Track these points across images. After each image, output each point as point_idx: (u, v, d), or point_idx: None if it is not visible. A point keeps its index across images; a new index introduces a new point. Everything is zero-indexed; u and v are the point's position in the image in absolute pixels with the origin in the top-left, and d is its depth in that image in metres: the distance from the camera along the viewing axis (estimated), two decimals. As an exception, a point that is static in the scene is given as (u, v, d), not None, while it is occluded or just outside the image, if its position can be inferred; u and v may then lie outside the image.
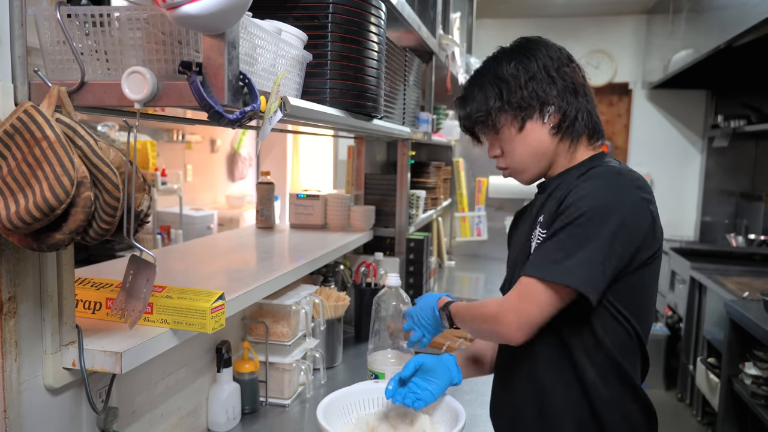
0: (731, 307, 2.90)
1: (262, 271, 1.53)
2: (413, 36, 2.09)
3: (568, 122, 1.13)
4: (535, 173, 1.19)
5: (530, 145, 1.15)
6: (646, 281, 1.09)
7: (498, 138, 1.18)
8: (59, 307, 0.93)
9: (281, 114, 0.87)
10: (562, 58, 1.16)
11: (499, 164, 1.22)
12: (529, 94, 1.12)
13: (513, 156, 1.18)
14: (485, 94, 1.15)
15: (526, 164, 1.18)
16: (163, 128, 4.61)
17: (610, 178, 1.06)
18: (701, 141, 4.95)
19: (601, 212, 1.01)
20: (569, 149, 1.17)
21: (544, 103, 1.12)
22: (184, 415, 1.36)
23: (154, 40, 0.77)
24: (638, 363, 1.14)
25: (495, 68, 1.15)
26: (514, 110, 1.13)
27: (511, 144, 1.16)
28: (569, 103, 1.13)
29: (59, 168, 0.74)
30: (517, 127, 1.14)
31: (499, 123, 1.15)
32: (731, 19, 3.07)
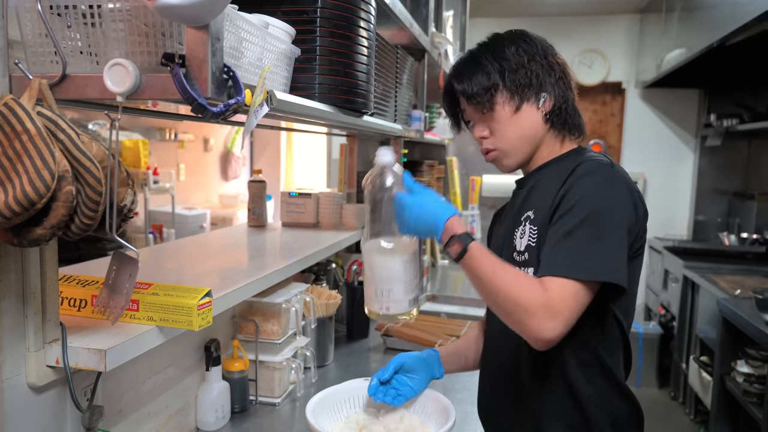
0: (724, 306, 2.91)
1: (252, 269, 1.52)
2: (405, 34, 2.08)
3: (560, 110, 1.13)
4: (521, 159, 1.17)
5: (523, 128, 1.13)
6: (634, 272, 1.09)
7: (489, 118, 1.14)
8: (42, 304, 0.91)
9: (267, 108, 0.86)
10: (553, 50, 1.16)
11: (486, 145, 1.18)
12: (530, 75, 1.11)
13: (503, 137, 1.15)
14: (485, 71, 1.12)
15: (516, 147, 1.15)
16: (156, 127, 4.58)
17: (608, 173, 1.05)
18: (694, 140, 4.97)
19: (610, 207, 1.01)
20: (555, 140, 1.17)
21: (541, 87, 1.12)
22: (172, 414, 1.35)
23: (137, 32, 0.76)
24: (621, 358, 1.13)
25: (494, 49, 1.14)
26: (514, 89, 1.11)
27: (504, 124, 1.13)
28: (563, 93, 1.14)
29: (39, 162, 0.72)
30: (513, 108, 1.12)
31: (495, 101, 1.12)
32: (723, 17, 3.07)
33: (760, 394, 2.64)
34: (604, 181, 1.03)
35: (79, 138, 0.77)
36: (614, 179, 1.04)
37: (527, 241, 1.11)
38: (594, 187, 1.02)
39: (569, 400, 1.09)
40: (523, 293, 0.96)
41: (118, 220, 0.82)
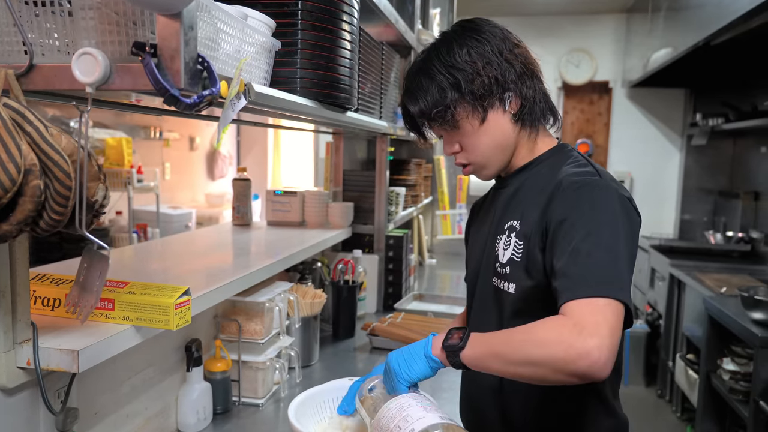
0: (710, 304, 2.92)
1: (234, 268, 1.50)
2: (391, 30, 2.06)
3: (528, 107, 1.05)
4: (499, 166, 1.10)
5: (493, 136, 1.05)
6: None
7: (457, 133, 1.06)
8: (13, 304, 0.88)
9: (245, 101, 0.84)
10: (511, 38, 1.06)
11: (459, 160, 1.10)
12: (489, 80, 1.01)
13: (475, 151, 1.07)
14: (439, 86, 1.02)
15: (490, 158, 1.08)
16: (140, 125, 4.53)
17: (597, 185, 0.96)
18: (680, 139, 4.99)
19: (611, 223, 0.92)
20: (530, 137, 1.09)
21: (504, 89, 1.03)
22: (151, 416, 1.32)
23: (107, 21, 0.73)
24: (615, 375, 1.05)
25: (444, 56, 1.03)
26: (474, 100, 1.02)
27: (473, 138, 1.05)
28: (528, 87, 1.04)
29: (5, 155, 0.69)
30: (478, 119, 1.03)
31: (457, 116, 1.03)
32: (708, 17, 3.09)
33: (745, 391, 2.65)
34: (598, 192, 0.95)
35: (47, 130, 0.74)
36: (605, 188, 0.96)
37: (511, 254, 1.03)
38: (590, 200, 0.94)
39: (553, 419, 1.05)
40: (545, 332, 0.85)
41: (89, 216, 0.79)
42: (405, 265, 2.51)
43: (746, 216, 4.24)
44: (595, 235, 0.91)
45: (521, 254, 1.01)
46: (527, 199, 1.04)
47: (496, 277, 1.07)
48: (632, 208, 0.98)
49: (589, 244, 0.90)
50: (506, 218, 1.07)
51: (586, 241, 0.91)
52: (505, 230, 1.06)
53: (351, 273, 2.18)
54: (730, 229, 4.34)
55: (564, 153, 1.09)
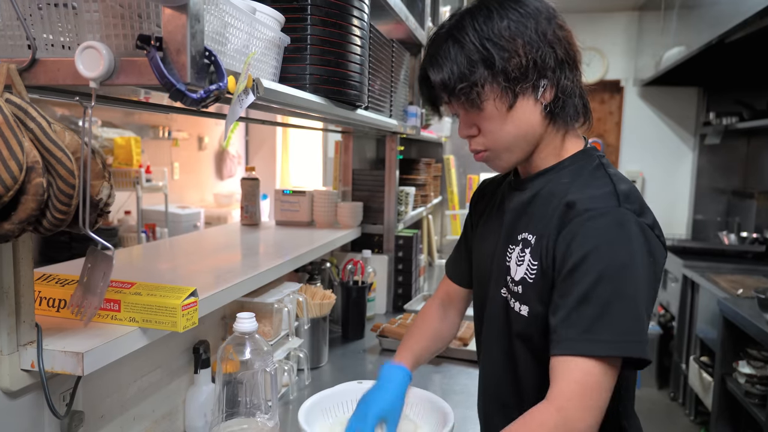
0: (724, 305, 2.87)
1: (243, 268, 1.48)
2: (401, 28, 2.03)
3: (563, 101, 0.94)
4: (518, 159, 0.98)
5: (518, 126, 0.93)
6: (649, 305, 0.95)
7: (478, 115, 0.94)
8: (16, 305, 0.86)
9: (253, 97, 0.82)
10: (558, 18, 0.93)
11: (475, 146, 0.98)
12: (527, 62, 0.89)
13: (496, 137, 0.95)
14: (469, 58, 0.89)
15: (511, 148, 0.96)
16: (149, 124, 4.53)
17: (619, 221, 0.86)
18: (693, 138, 4.93)
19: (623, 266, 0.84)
20: (557, 135, 0.98)
21: (540, 75, 0.91)
22: (158, 419, 1.30)
23: (111, 14, 0.71)
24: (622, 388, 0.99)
25: (480, 25, 0.90)
26: (506, 82, 0.90)
27: (496, 123, 0.93)
28: (567, 78, 0.93)
29: (6, 152, 0.67)
30: (506, 104, 0.91)
31: (484, 96, 0.91)
32: (723, 14, 3.04)
33: (762, 395, 2.60)
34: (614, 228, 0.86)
35: (50, 127, 0.72)
36: (626, 224, 0.86)
37: (524, 273, 0.96)
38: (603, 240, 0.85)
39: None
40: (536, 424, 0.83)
41: (93, 215, 0.77)
42: (415, 265, 2.49)
43: (761, 216, 4.18)
44: (608, 281, 0.83)
45: (534, 276, 0.94)
46: (541, 211, 0.96)
47: (507, 291, 1.01)
48: (657, 241, 0.90)
49: (600, 291, 0.83)
50: (519, 228, 0.99)
51: (597, 287, 0.83)
52: (518, 241, 0.98)
53: (360, 273, 2.15)
54: (744, 230, 4.28)
55: (589, 160, 0.98)
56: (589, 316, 0.83)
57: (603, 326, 0.82)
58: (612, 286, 0.83)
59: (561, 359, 0.84)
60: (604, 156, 1.00)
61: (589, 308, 0.83)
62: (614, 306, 0.83)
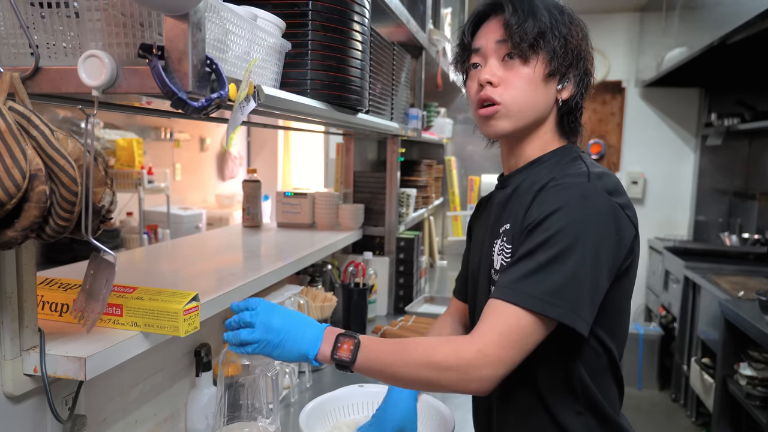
0: (726, 307, 2.87)
1: (244, 271, 1.48)
2: (402, 30, 2.03)
3: (573, 103, 1.02)
4: (520, 126, 1.01)
5: (537, 98, 1.00)
6: (622, 292, 0.97)
7: (512, 67, 0.99)
8: (19, 310, 0.87)
9: (254, 103, 0.82)
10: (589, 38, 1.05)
11: (491, 93, 1.00)
12: (574, 50, 1.00)
13: (517, 95, 0.99)
14: (552, 18, 0.98)
15: (523, 112, 1.00)
16: (151, 126, 4.54)
17: (582, 189, 0.91)
18: (695, 139, 4.93)
19: (580, 234, 0.87)
20: (552, 134, 1.04)
21: (569, 69, 1.01)
22: (160, 422, 1.30)
23: (114, 23, 0.72)
24: (613, 389, 1.01)
25: (555, 9, 1.00)
26: (554, 55, 0.98)
27: (525, 82, 0.99)
28: (582, 86, 1.03)
29: (9, 160, 0.68)
30: (542, 73, 0.99)
31: (534, 54, 0.98)
32: (724, 15, 3.03)
33: (763, 397, 2.60)
34: (579, 199, 0.89)
35: (53, 135, 0.73)
36: (591, 195, 0.90)
37: (501, 260, 0.99)
38: (564, 207, 0.89)
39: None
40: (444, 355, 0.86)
41: (95, 222, 0.77)
42: (416, 267, 2.49)
43: (762, 217, 4.17)
44: (554, 243, 0.87)
45: (509, 259, 0.97)
46: (519, 201, 0.99)
47: (491, 284, 1.03)
48: (627, 221, 0.92)
49: (542, 246, 0.87)
50: (501, 221, 1.03)
51: (541, 242, 0.87)
52: (500, 234, 1.02)
53: (361, 275, 2.16)
54: (746, 231, 4.28)
55: (568, 154, 1.03)
56: (525, 269, 0.87)
57: (533, 281, 0.86)
58: (557, 249, 0.86)
59: (492, 301, 0.89)
60: (583, 151, 1.05)
61: (529, 263, 0.87)
62: (552, 266, 0.86)
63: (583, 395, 0.96)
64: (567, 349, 0.95)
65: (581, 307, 0.86)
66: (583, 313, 0.86)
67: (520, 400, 1.00)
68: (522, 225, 0.95)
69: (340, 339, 0.93)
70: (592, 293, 0.87)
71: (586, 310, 0.87)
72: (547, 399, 0.97)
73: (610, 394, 1.00)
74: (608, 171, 0.98)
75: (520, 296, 0.86)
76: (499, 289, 0.89)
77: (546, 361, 0.95)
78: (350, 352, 0.91)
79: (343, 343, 0.92)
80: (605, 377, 0.99)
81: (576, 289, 0.86)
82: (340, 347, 0.92)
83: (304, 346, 0.93)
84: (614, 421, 0.99)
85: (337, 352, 0.92)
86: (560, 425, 0.97)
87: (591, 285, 0.87)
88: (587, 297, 0.87)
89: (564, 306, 0.85)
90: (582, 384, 0.96)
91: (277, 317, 0.95)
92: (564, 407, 0.97)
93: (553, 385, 0.97)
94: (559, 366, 0.96)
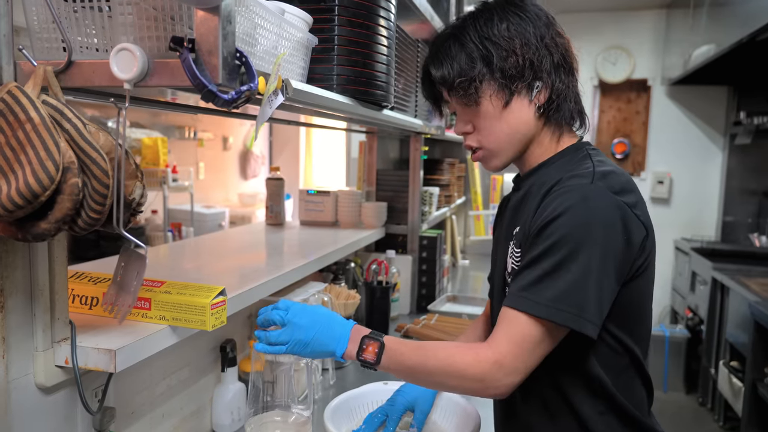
0: (756, 309, 2.81)
1: (268, 268, 1.49)
2: (426, 27, 2.02)
3: (557, 103, 0.98)
4: (509, 158, 1.03)
5: (512, 125, 0.98)
6: (639, 292, 0.95)
7: (474, 111, 0.99)
8: (51, 302, 0.88)
9: (282, 97, 0.82)
10: (556, 26, 1.00)
11: (470, 142, 1.03)
12: (523, 62, 0.94)
13: (490, 135, 0.99)
14: (469, 56, 0.95)
15: (503, 147, 1.00)
16: (175, 125, 4.59)
17: (586, 191, 0.89)
18: (723, 138, 4.83)
19: (584, 237, 0.86)
20: (552, 136, 1.02)
21: (535, 76, 0.96)
22: (186, 416, 1.32)
23: (145, 16, 0.72)
24: (639, 388, 0.99)
25: (481, 26, 0.96)
26: (503, 79, 0.95)
27: (491, 121, 0.98)
28: (562, 81, 0.98)
29: (43, 152, 0.69)
30: (502, 101, 0.96)
31: (481, 93, 0.96)
32: (754, 12, 2.97)
33: (795, 401, 2.54)
34: (580, 202, 0.87)
35: (85, 128, 0.74)
36: (594, 197, 0.88)
37: (512, 263, 0.99)
38: (567, 211, 0.87)
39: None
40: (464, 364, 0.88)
41: (126, 215, 0.78)
42: (438, 266, 2.48)
43: (793, 218, 4.07)
44: (558, 249, 0.87)
45: (518, 263, 0.96)
46: (530, 204, 0.98)
47: (506, 286, 1.02)
48: (635, 220, 0.90)
49: (547, 252, 0.87)
50: (514, 224, 1.02)
51: (547, 254, 0.87)
52: (513, 236, 1.01)
53: (384, 273, 2.15)
54: (776, 232, 4.19)
55: (577, 152, 1.01)
56: (531, 277, 0.88)
57: (539, 289, 0.87)
58: (560, 255, 0.86)
59: (505, 309, 0.90)
60: (594, 148, 1.03)
61: (535, 270, 0.88)
62: (556, 273, 0.86)
63: (603, 395, 0.95)
64: (583, 349, 0.94)
65: (587, 311, 0.86)
66: (589, 316, 0.86)
67: (544, 401, 0.99)
68: (529, 229, 0.94)
69: (365, 341, 0.95)
70: (599, 295, 0.87)
71: (593, 312, 0.87)
72: (570, 399, 0.96)
73: (635, 394, 0.98)
74: (617, 169, 0.95)
75: (528, 304, 0.87)
76: (509, 296, 0.91)
77: (565, 362, 0.95)
78: (375, 355, 0.94)
79: (368, 345, 0.95)
80: (628, 377, 0.97)
81: (581, 293, 0.86)
82: (365, 349, 0.95)
83: (331, 344, 0.96)
84: (641, 421, 0.97)
85: (362, 353, 0.95)
86: (584, 425, 0.96)
87: (597, 288, 0.87)
88: (593, 300, 0.87)
89: (570, 311, 0.85)
90: (600, 383, 0.95)
91: (306, 317, 0.98)
92: (586, 407, 0.96)
93: (574, 384, 0.96)
94: (578, 366, 0.95)
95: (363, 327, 0.99)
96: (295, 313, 0.98)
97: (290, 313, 0.98)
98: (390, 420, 1.15)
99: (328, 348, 0.96)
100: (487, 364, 0.87)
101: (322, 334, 0.96)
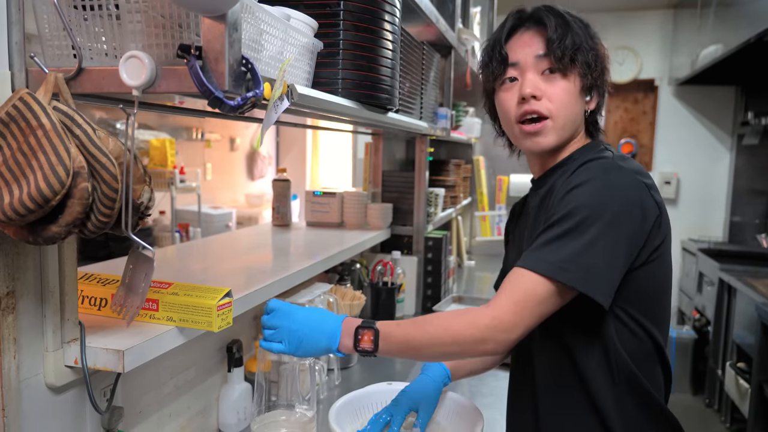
0: (763, 310, 2.80)
1: (274, 269, 1.50)
2: (431, 30, 2.04)
3: (598, 113, 1.10)
4: (564, 139, 1.06)
5: (577, 111, 1.05)
6: (657, 277, 0.97)
7: (551, 81, 1.03)
8: (61, 303, 0.90)
9: (288, 102, 0.83)
10: None
11: (536, 107, 1.02)
12: (602, 65, 1.05)
13: (565, 107, 1.03)
14: (587, 34, 1.03)
15: (568, 126, 1.05)
16: (183, 126, 4.62)
17: (605, 166, 0.96)
18: (730, 139, 4.81)
19: (600, 205, 0.90)
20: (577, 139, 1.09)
21: (595, 84, 1.05)
22: (193, 415, 1.33)
23: (153, 24, 0.74)
24: (659, 375, 1.02)
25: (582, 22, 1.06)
26: (591, 68, 1.03)
27: (567, 95, 1.02)
28: (602, 95, 1.09)
29: (54, 157, 0.70)
30: (580, 86, 1.03)
31: (574, 68, 1.02)
32: (762, 12, 2.96)
33: (801, 403, 2.53)
34: (600, 174, 0.93)
35: (95, 133, 0.75)
36: (614, 171, 0.94)
37: None
38: (586, 182, 0.93)
39: (596, 425, 0.98)
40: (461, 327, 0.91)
41: (134, 218, 0.79)
42: (444, 266, 2.49)
43: (801, 219, 4.05)
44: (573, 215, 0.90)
45: None
46: (552, 201, 1.00)
47: None
48: (650, 199, 0.94)
49: (562, 219, 0.90)
50: (539, 221, 1.03)
51: (562, 216, 0.91)
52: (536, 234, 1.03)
53: (390, 274, 2.16)
54: (784, 233, 4.16)
55: (595, 147, 1.08)
56: (544, 239, 0.91)
57: (549, 249, 0.90)
58: (576, 220, 0.89)
59: (513, 270, 0.93)
60: (609, 144, 1.10)
61: (548, 234, 0.91)
62: (569, 235, 0.89)
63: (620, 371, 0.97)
64: (600, 320, 0.96)
65: (596, 276, 0.88)
66: (598, 281, 0.88)
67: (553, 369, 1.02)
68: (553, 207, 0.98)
69: (359, 332, 0.97)
70: (610, 263, 0.89)
71: (603, 279, 0.89)
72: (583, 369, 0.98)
73: (657, 380, 1.01)
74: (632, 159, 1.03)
75: (535, 262, 0.90)
76: (521, 258, 0.94)
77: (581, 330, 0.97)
78: (371, 343, 0.96)
79: (363, 334, 0.97)
80: (651, 363, 1.00)
81: (591, 257, 0.88)
82: (361, 339, 0.97)
83: (324, 340, 0.98)
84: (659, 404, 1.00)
85: (359, 344, 0.97)
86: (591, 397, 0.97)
87: (609, 256, 0.89)
88: (604, 267, 0.89)
89: (577, 273, 0.87)
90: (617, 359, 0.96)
91: (295, 317, 1.00)
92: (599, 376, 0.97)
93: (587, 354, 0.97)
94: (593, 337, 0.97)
95: (354, 318, 1.00)
96: (283, 314, 1.01)
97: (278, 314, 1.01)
98: (394, 421, 1.17)
99: (322, 344, 0.98)
100: (484, 321, 0.89)
101: (312, 332, 0.98)
